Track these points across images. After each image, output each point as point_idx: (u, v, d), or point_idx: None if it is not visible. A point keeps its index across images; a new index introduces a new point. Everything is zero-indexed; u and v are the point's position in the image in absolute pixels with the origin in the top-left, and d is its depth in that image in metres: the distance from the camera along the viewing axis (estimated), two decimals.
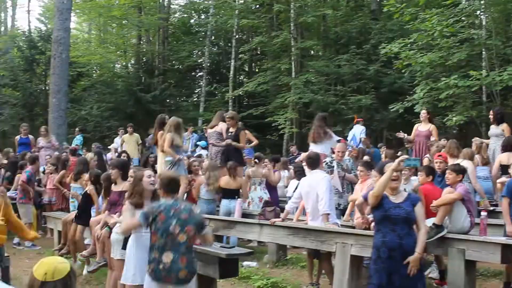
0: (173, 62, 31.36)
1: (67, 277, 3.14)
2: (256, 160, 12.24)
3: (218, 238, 9.28)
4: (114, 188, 7.81)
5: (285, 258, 10.31)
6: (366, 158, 12.58)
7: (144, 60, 31.35)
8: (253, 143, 13.27)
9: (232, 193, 10.95)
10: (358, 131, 15.77)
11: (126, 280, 6.10)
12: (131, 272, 6.05)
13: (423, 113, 12.96)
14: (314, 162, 8.10)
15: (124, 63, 34.17)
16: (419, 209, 5.89)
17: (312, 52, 28.95)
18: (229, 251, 6.57)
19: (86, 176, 10.75)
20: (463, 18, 16.77)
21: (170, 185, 5.81)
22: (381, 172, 7.87)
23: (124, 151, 15.03)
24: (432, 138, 12.11)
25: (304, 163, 9.48)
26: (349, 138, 16.26)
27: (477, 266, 7.63)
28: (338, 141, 11.03)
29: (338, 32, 25.22)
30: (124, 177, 7.74)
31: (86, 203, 9.60)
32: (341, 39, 24.86)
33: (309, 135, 11.15)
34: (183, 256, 5.44)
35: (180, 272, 5.40)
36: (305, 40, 25.46)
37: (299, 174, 10.80)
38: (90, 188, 9.56)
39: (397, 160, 5.98)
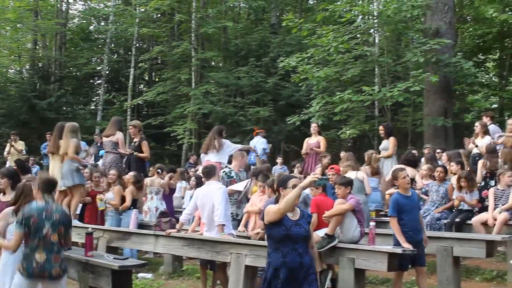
0: (71, 68, 30.46)
1: None
2: (158, 170, 12.14)
3: (114, 250, 9.12)
4: (2, 198, 7.45)
5: (181, 269, 10.26)
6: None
7: (40, 65, 30.27)
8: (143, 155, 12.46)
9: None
10: (258, 143, 15.92)
11: None
12: None
13: (314, 126, 13.37)
14: (210, 172, 8.12)
15: (18, 68, 32.82)
16: (311, 226, 5.77)
17: (212, 63, 29.07)
18: (122, 262, 6.48)
19: None
20: (358, 35, 17.40)
21: (47, 186, 5.88)
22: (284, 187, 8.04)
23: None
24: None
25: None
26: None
27: (366, 274, 7.91)
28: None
29: (238, 44, 25.49)
30: (14, 187, 7.42)
31: None
32: (241, 51, 25.13)
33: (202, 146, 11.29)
34: (56, 255, 5.67)
35: (53, 270, 5.62)
36: (205, 51, 25.55)
37: (198, 184, 10.83)
38: None
39: (308, 178, 5.50)
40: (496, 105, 26.87)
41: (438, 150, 13.29)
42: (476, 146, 11.68)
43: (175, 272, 10.07)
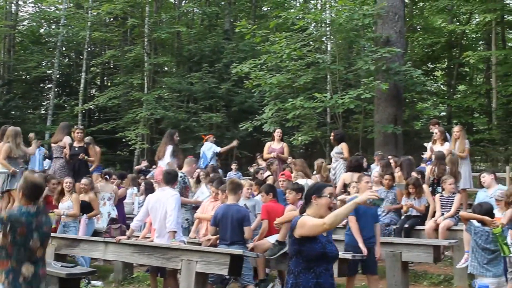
0: (20, 72, 29.85)
1: None
2: (106, 176, 11.98)
3: (62, 258, 8.96)
4: None
5: (132, 276, 10.13)
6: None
7: None
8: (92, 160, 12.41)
9: (83, 209, 10.59)
10: (207, 149, 15.87)
11: None
12: None
13: (278, 132, 13.42)
14: (171, 178, 8.04)
15: None
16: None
17: (165, 68, 28.93)
18: (69, 270, 6.38)
19: None
20: (310, 42, 17.55)
21: (34, 191, 5.25)
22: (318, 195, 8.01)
23: None
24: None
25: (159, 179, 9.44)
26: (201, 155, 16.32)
27: None
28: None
29: (192, 50, 25.44)
30: None
31: None
32: (194, 57, 25.08)
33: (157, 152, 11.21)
34: (42, 268, 5.22)
35: (40, 285, 5.16)
36: (158, 56, 25.42)
37: (148, 191, 10.72)
38: None
39: (365, 195, 4.54)
40: (444, 113, 27.53)
41: (389, 157, 13.49)
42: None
43: (126, 279, 9.95)
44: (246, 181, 9.41)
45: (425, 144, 12.64)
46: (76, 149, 11.80)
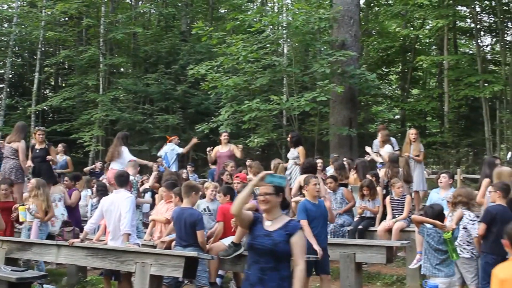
0: None
1: None
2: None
3: (13, 262, 8.76)
4: None
5: (85, 280, 9.98)
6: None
7: None
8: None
9: None
10: (169, 151, 15.74)
11: None
12: None
13: (225, 135, 13.40)
14: (124, 180, 7.97)
15: None
16: (297, 240, 4.62)
17: (121, 69, 28.65)
18: (20, 274, 6.24)
19: None
20: (267, 45, 17.63)
21: None
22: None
23: None
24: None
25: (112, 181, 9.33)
26: (162, 157, 16.18)
27: None
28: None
29: (148, 51, 25.28)
30: None
31: None
32: (150, 58, 24.93)
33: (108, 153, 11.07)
34: None
35: None
36: (114, 57, 25.15)
37: (102, 193, 10.59)
38: None
39: (259, 175, 4.75)
40: (398, 116, 27.99)
41: (344, 159, 13.64)
42: (380, 155, 12.10)
43: (79, 283, 9.80)
44: (211, 183, 9.39)
45: (366, 149, 12.83)
46: (38, 151, 11.58)
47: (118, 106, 22.74)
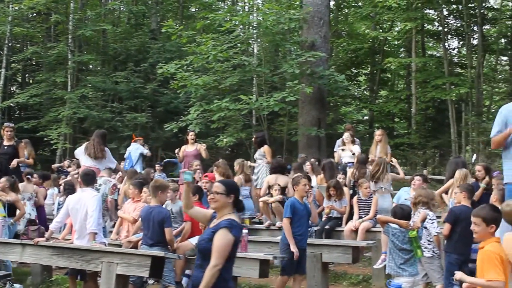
0: None
1: None
2: (28, 176, 11.62)
3: None
4: None
5: (50, 279, 9.88)
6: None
7: None
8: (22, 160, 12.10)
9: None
10: (134, 150, 15.66)
11: None
12: None
13: (192, 134, 13.37)
14: (90, 179, 7.90)
15: None
16: (216, 238, 4.51)
17: (90, 66, 28.39)
18: None
19: None
20: (237, 45, 17.66)
21: None
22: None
23: None
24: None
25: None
26: (125, 156, 16.09)
27: (238, 281, 8.04)
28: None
29: (117, 49, 25.09)
30: None
31: None
32: (119, 56, 24.76)
33: (88, 150, 10.83)
34: None
35: None
36: (83, 54, 24.90)
37: (69, 191, 10.49)
38: None
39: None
40: (367, 117, 28.24)
41: (311, 159, 13.71)
42: (354, 153, 12.21)
43: (44, 282, 9.69)
44: (171, 184, 9.36)
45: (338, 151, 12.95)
46: (6, 147, 11.39)
47: (86, 104, 22.55)
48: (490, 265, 4.51)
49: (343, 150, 12.62)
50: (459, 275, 4.74)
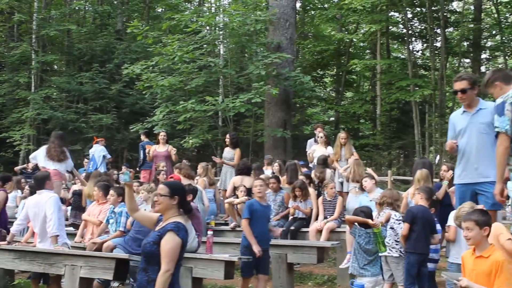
0: None
1: None
2: None
3: None
4: None
5: (12, 283, 9.71)
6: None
7: None
8: None
9: None
10: (97, 151, 15.54)
11: None
12: None
13: (163, 135, 13.31)
14: (41, 182, 7.80)
15: None
16: (163, 243, 4.43)
17: (55, 67, 28.03)
18: None
19: None
20: (203, 45, 17.63)
21: None
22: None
23: None
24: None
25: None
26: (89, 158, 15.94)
27: (204, 282, 8.04)
28: None
29: (82, 49, 24.83)
30: None
31: None
32: (84, 56, 24.51)
33: (49, 153, 10.70)
34: None
35: None
36: (47, 54, 24.57)
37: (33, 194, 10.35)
38: None
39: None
40: (333, 118, 28.43)
41: (277, 161, 13.72)
42: (329, 156, 12.26)
43: (6, 287, 9.52)
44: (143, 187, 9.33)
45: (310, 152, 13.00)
46: None
47: (50, 105, 22.31)
48: (504, 275, 4.51)
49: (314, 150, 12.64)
50: (465, 282, 4.59)
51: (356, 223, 7.14)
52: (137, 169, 14.79)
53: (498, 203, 6.00)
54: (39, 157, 10.84)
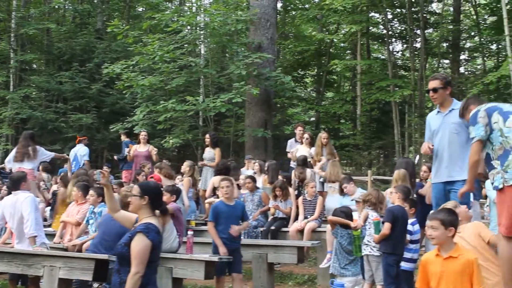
0: None
1: None
2: None
3: None
4: None
5: None
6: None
7: None
8: None
9: None
10: (80, 151, 15.37)
11: None
12: None
13: (144, 134, 13.28)
14: (16, 183, 7.70)
15: None
16: (133, 244, 4.41)
17: (34, 66, 27.77)
18: None
19: None
20: (184, 45, 17.60)
21: None
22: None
23: None
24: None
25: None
26: (71, 158, 15.75)
27: (184, 282, 8.02)
28: None
29: (62, 48, 24.62)
30: None
31: None
32: (64, 55, 24.30)
33: (16, 155, 10.66)
34: None
35: None
36: (25, 53, 24.35)
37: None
38: None
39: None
40: (313, 118, 28.51)
41: (257, 160, 13.72)
42: (312, 157, 12.29)
43: None
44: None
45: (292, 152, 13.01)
46: None
47: (29, 104, 22.08)
48: (480, 273, 4.57)
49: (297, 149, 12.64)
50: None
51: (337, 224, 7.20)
52: (119, 169, 14.70)
53: (467, 202, 6.18)
54: (11, 163, 10.86)
